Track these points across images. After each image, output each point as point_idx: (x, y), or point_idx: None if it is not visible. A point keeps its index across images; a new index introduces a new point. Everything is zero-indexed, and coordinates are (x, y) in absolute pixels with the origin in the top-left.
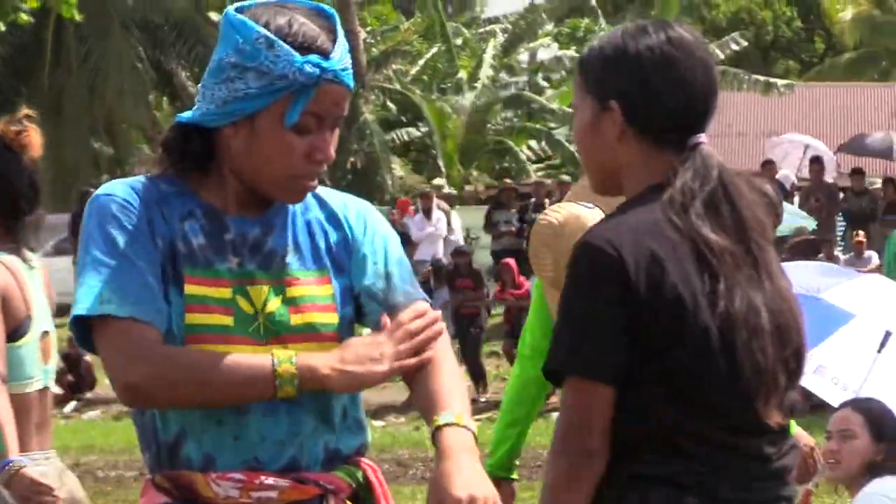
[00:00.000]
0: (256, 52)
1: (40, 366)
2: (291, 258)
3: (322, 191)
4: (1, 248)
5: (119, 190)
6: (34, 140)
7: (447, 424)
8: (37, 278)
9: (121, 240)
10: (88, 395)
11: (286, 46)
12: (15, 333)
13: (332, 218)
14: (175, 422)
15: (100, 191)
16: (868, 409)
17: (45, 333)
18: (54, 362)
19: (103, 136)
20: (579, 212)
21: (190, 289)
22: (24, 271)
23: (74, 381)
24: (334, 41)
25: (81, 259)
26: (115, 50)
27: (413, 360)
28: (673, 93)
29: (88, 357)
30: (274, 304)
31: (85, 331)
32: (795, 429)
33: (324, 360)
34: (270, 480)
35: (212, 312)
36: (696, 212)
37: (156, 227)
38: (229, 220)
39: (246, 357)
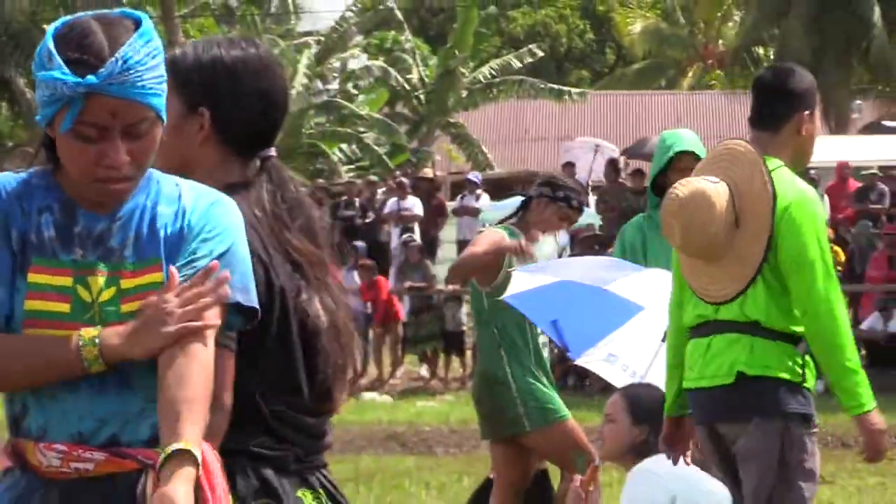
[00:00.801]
0: (41, 64)
1: None
2: (129, 251)
3: (181, 184)
4: None
5: None
6: None
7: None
8: None
9: None
10: None
11: (58, 59)
12: None
13: (177, 211)
14: (19, 396)
15: None
16: (631, 394)
17: None
18: None
19: None
20: (704, 185)
21: (33, 277)
22: None
23: None
24: (111, 54)
25: None
26: None
27: (198, 324)
28: (260, 105)
29: None
30: (108, 294)
31: None
32: None
33: (117, 332)
34: (88, 454)
35: (50, 300)
36: (283, 219)
37: (11, 219)
38: (81, 214)
39: (53, 343)
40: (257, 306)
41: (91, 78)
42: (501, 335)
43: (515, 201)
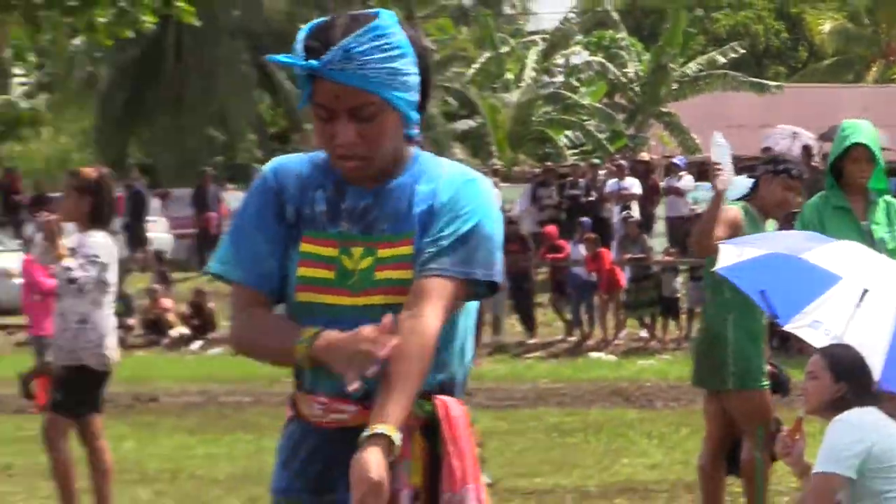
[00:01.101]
0: (295, 50)
1: None
2: (387, 225)
3: (444, 165)
4: None
5: (270, 165)
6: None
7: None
8: None
9: (251, 211)
10: (211, 335)
11: (300, 46)
12: None
13: (434, 189)
14: None
15: (266, 164)
16: (830, 353)
17: None
18: None
19: (217, 125)
20: None
21: (304, 247)
22: None
23: (199, 324)
24: (335, 42)
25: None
26: (224, 54)
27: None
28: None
29: (212, 304)
30: (366, 263)
31: None
32: None
33: (328, 341)
34: (344, 406)
35: (318, 268)
36: None
37: (287, 196)
38: (350, 191)
39: (288, 330)
40: (497, 280)
41: (313, 62)
42: (732, 301)
43: (744, 181)
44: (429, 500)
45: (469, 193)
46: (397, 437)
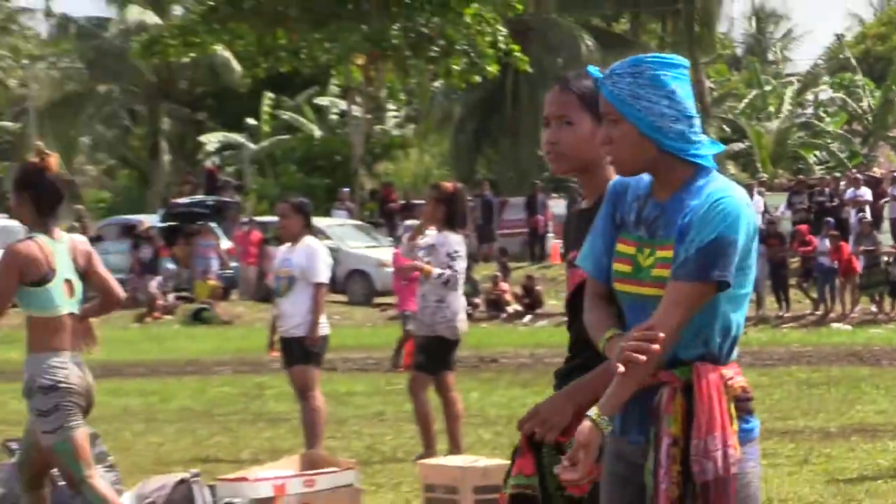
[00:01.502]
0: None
1: (66, 299)
2: (664, 231)
3: (713, 181)
4: (38, 231)
5: (616, 178)
6: (52, 163)
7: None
8: (62, 248)
9: (600, 215)
10: (538, 311)
11: None
12: (42, 281)
13: (697, 203)
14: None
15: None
16: None
17: (67, 280)
18: (76, 296)
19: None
20: None
21: (618, 246)
22: (50, 244)
23: (529, 302)
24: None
25: None
26: None
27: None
28: None
29: (539, 287)
30: (649, 262)
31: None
32: None
33: (616, 342)
34: None
35: (622, 263)
36: None
37: (619, 204)
38: (649, 202)
39: (595, 329)
40: (729, 280)
41: (598, 75)
42: None
43: None
44: (684, 446)
45: (718, 208)
46: (603, 421)
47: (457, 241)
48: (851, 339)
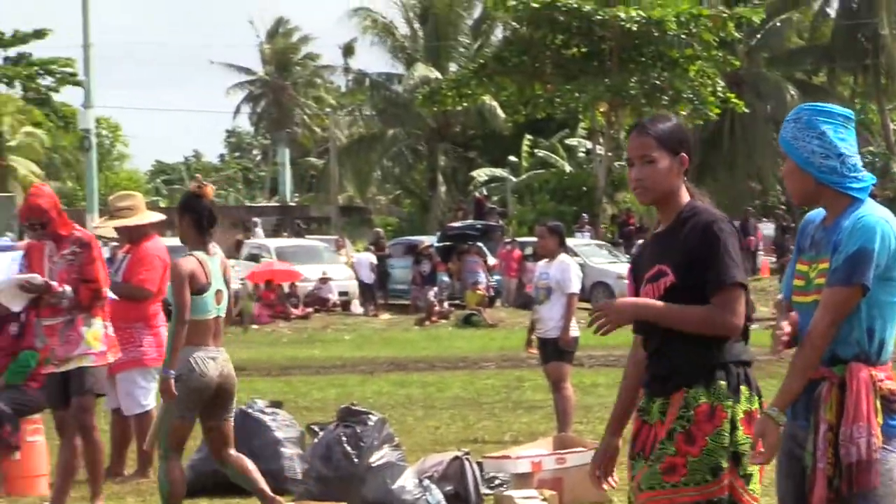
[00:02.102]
0: None
1: (214, 306)
2: (824, 248)
3: (865, 207)
4: (198, 248)
5: (811, 213)
6: (208, 192)
7: None
8: (216, 262)
9: (795, 249)
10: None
11: None
12: (201, 291)
13: (847, 224)
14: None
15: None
16: None
17: (218, 291)
18: (223, 303)
19: (754, 178)
20: None
21: (797, 267)
22: (208, 260)
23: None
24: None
25: None
26: (761, 132)
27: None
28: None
29: (752, 296)
30: (814, 274)
31: None
32: None
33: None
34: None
35: (799, 279)
36: None
37: (803, 237)
38: (820, 228)
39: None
40: (868, 284)
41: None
42: None
43: None
44: (836, 432)
45: (860, 224)
46: (777, 414)
47: None
48: None
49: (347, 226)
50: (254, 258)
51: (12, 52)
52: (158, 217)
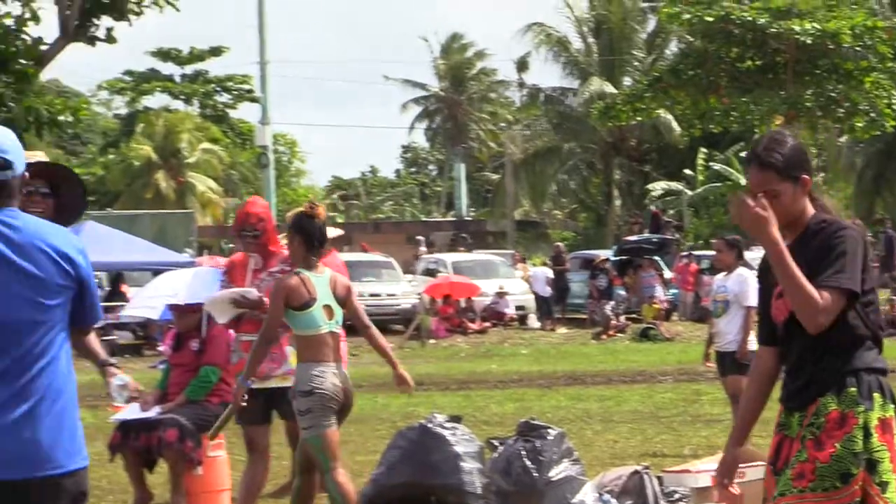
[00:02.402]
0: None
1: (325, 320)
2: None
3: None
4: (304, 266)
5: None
6: (320, 213)
7: None
8: (323, 280)
9: None
10: None
11: None
12: (305, 306)
13: None
14: None
15: None
16: None
17: (327, 305)
18: (336, 319)
19: None
20: None
21: None
22: (312, 277)
23: None
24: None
25: None
26: None
27: None
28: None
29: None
30: None
31: None
32: None
33: None
34: None
35: None
36: None
37: None
38: None
39: None
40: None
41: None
42: None
43: None
44: None
45: None
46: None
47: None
48: None
49: (523, 240)
50: (430, 273)
51: (189, 69)
52: (337, 233)
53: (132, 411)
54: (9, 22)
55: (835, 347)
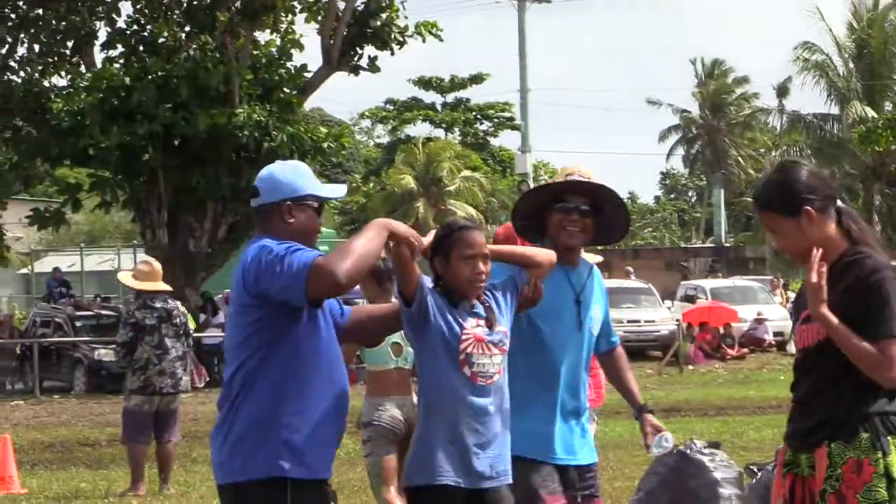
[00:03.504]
0: None
1: (393, 357)
2: None
3: None
4: (375, 302)
5: None
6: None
7: None
8: None
9: None
10: None
11: None
12: (375, 343)
13: None
14: None
15: None
16: None
17: (395, 343)
18: (403, 356)
19: None
20: None
21: None
22: None
23: None
24: None
25: None
26: None
27: None
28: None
29: None
30: None
31: None
32: None
33: None
34: None
35: None
36: None
37: None
38: None
39: None
40: None
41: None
42: None
43: None
44: None
45: None
46: None
47: None
48: None
49: (782, 266)
50: (689, 299)
51: (451, 97)
52: (596, 259)
53: None
54: (272, 49)
55: (848, 392)
